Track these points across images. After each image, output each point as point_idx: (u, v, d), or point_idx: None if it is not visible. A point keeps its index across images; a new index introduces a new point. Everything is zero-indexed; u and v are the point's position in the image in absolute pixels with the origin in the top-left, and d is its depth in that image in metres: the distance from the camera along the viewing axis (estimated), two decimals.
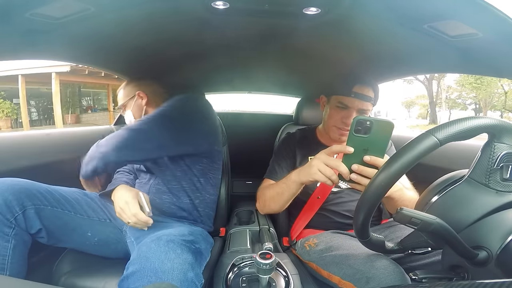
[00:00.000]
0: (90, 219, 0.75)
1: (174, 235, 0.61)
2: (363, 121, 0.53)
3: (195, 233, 0.74)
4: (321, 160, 0.61)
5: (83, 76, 8.96)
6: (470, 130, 0.39)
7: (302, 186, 0.73)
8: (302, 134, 1.01)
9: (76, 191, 0.78)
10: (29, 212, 0.64)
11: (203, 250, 0.69)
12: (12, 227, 0.61)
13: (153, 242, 0.56)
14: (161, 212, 0.84)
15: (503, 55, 0.62)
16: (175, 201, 0.85)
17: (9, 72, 8.02)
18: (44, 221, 0.66)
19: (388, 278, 0.53)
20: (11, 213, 0.61)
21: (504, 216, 0.40)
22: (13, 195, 0.62)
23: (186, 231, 0.70)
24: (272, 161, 0.96)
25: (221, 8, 0.64)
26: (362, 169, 0.55)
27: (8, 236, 0.60)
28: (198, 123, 0.82)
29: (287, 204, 0.80)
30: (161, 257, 0.52)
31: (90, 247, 0.75)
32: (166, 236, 0.59)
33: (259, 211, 0.90)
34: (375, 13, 0.63)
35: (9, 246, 0.60)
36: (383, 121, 0.53)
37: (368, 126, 0.53)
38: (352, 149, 0.55)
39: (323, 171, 0.60)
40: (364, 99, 0.82)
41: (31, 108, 10.97)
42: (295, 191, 0.74)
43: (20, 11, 0.56)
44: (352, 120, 0.54)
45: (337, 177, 0.59)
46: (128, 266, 0.54)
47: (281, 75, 1.41)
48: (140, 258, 0.53)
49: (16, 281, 0.39)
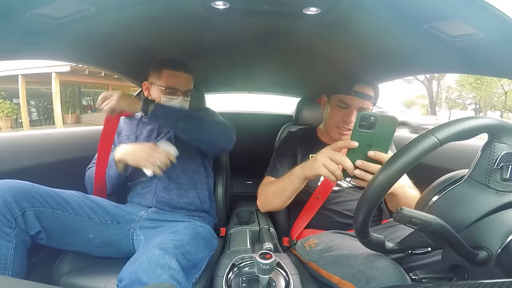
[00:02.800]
0: (91, 221, 0.74)
1: (169, 248, 0.61)
2: (367, 116, 0.53)
3: (198, 237, 0.74)
4: (326, 154, 0.62)
5: (83, 76, 8.96)
6: (470, 130, 0.39)
7: (305, 181, 0.73)
8: (303, 133, 1.01)
9: (77, 193, 0.78)
10: (29, 214, 0.64)
11: (199, 260, 0.69)
12: (13, 227, 0.61)
13: (144, 257, 0.58)
14: (171, 207, 0.89)
15: (503, 55, 0.62)
16: (183, 195, 0.91)
17: (9, 72, 8.02)
18: (44, 223, 0.66)
19: (388, 278, 0.53)
20: (11, 214, 0.61)
21: (504, 216, 0.40)
22: (13, 197, 0.62)
23: (187, 238, 0.70)
24: (273, 159, 0.96)
25: (221, 8, 0.64)
26: (366, 165, 0.55)
27: (10, 236, 0.60)
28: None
29: (289, 200, 0.80)
30: (149, 273, 0.54)
31: (92, 248, 0.75)
32: (158, 250, 0.59)
33: (260, 209, 0.90)
34: (375, 13, 0.63)
35: (11, 246, 0.60)
36: (387, 116, 0.54)
37: (372, 121, 0.53)
38: (356, 143, 0.55)
39: (328, 166, 0.60)
40: (364, 97, 0.83)
41: (31, 108, 10.98)
42: (298, 186, 0.74)
43: (20, 11, 0.57)
44: (357, 115, 0.54)
45: (341, 173, 0.59)
46: (120, 278, 0.57)
47: (281, 75, 1.41)
48: (131, 273, 0.56)
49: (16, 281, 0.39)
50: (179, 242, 0.66)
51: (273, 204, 0.83)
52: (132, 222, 0.82)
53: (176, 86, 0.92)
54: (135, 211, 0.85)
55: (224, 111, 2.09)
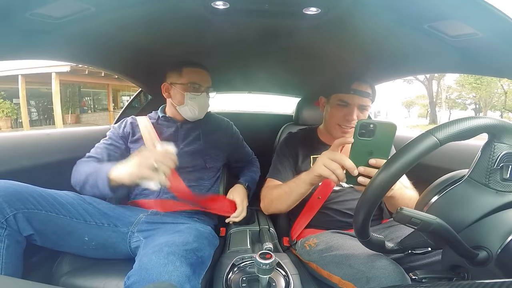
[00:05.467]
0: (86, 223, 0.73)
1: (177, 245, 0.61)
2: (366, 124, 0.55)
3: (201, 236, 0.74)
4: (326, 155, 0.63)
5: (83, 76, 8.96)
6: (470, 130, 0.39)
7: (312, 187, 0.74)
8: (304, 133, 1.01)
9: (71, 195, 0.76)
10: (20, 216, 0.63)
11: (206, 257, 0.69)
12: (4, 227, 0.60)
13: (154, 253, 0.58)
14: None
15: (503, 55, 0.62)
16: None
17: (9, 72, 8.02)
18: (37, 225, 0.65)
19: (388, 278, 0.53)
20: (1, 215, 0.60)
21: (504, 216, 0.40)
22: (4, 197, 0.61)
23: (192, 236, 0.69)
24: (275, 161, 0.96)
25: (221, 8, 0.64)
26: (368, 171, 0.56)
27: (1, 237, 0.60)
28: None
29: (294, 204, 0.80)
30: (160, 270, 0.54)
31: (88, 251, 0.74)
32: (167, 247, 0.59)
33: (264, 211, 0.90)
34: (375, 13, 0.63)
35: (2, 246, 0.59)
36: (386, 123, 0.55)
37: (371, 129, 0.55)
38: (352, 139, 0.57)
39: (328, 165, 0.61)
40: (363, 95, 0.84)
41: (31, 108, 10.97)
42: (304, 191, 0.74)
43: (20, 11, 0.57)
44: (356, 123, 0.56)
45: (342, 172, 0.59)
46: (129, 275, 0.56)
47: (281, 75, 1.41)
48: (141, 269, 0.55)
49: (16, 281, 0.39)
50: (186, 240, 0.66)
51: (278, 207, 0.84)
52: (130, 225, 0.79)
53: (199, 82, 0.95)
54: (134, 213, 0.83)
55: (224, 111, 2.09)
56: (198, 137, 1.01)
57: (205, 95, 0.97)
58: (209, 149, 1.01)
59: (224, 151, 1.08)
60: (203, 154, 0.99)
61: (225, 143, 1.08)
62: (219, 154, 1.05)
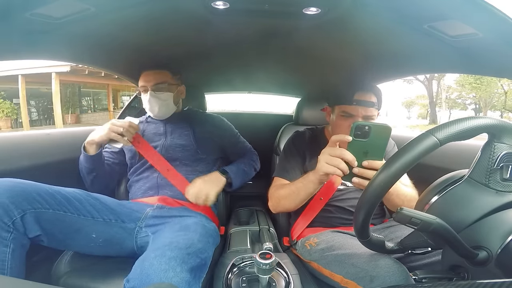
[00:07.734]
0: (94, 220, 0.73)
1: (180, 248, 0.60)
2: (362, 126, 0.57)
3: (207, 234, 0.74)
4: (326, 152, 0.63)
5: (83, 76, 8.96)
6: (470, 130, 0.39)
7: (319, 186, 0.73)
8: (312, 133, 1.00)
9: (79, 191, 0.75)
10: (28, 216, 0.61)
11: (208, 258, 0.68)
12: (10, 231, 0.59)
13: (156, 258, 0.57)
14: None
15: (503, 55, 0.62)
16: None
17: (9, 72, 8.02)
18: (45, 225, 0.64)
19: (392, 277, 0.53)
20: (8, 217, 0.59)
21: (504, 216, 0.40)
22: (11, 199, 0.59)
23: (197, 235, 0.69)
24: (282, 160, 0.96)
25: (221, 8, 0.64)
26: (363, 172, 0.57)
27: (7, 241, 0.58)
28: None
29: (302, 203, 0.80)
30: (160, 275, 0.53)
31: (95, 248, 0.73)
32: (170, 251, 0.58)
33: (272, 210, 0.89)
34: (375, 13, 0.63)
35: (8, 251, 0.58)
36: (381, 125, 0.57)
37: (367, 130, 0.57)
38: (350, 138, 0.58)
39: (330, 162, 0.61)
40: (366, 105, 0.80)
41: (31, 108, 10.98)
42: (312, 191, 0.74)
43: (20, 11, 0.57)
44: (352, 125, 0.57)
45: (345, 165, 0.59)
46: (129, 278, 0.56)
47: (281, 75, 1.41)
48: (142, 274, 0.55)
49: (16, 281, 0.39)
50: (190, 241, 0.65)
51: (286, 207, 0.84)
52: (137, 220, 0.80)
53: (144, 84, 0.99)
54: (140, 208, 0.84)
55: (224, 111, 2.09)
56: (187, 128, 1.03)
57: (153, 94, 0.96)
58: (200, 139, 1.02)
59: (216, 143, 1.07)
60: (194, 143, 1.00)
61: (217, 134, 1.08)
62: (211, 144, 1.05)
